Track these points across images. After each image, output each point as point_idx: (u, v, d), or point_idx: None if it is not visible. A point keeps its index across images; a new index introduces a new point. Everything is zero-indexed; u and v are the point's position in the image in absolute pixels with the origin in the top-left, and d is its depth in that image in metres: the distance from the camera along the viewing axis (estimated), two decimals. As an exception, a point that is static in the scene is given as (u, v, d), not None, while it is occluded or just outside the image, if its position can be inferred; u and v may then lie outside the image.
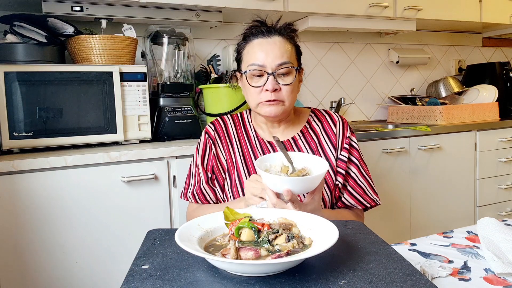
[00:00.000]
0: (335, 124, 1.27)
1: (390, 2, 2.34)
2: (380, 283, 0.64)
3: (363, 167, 1.26)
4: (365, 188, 1.25)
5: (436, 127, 2.24)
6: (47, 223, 1.43)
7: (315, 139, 1.25)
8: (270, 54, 1.13)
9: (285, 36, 1.17)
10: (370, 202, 1.25)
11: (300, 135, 1.25)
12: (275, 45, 1.15)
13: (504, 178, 2.48)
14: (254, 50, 1.16)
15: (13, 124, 1.50)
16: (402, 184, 2.17)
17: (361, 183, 1.24)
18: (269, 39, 1.16)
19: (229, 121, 1.31)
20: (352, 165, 1.24)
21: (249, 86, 1.16)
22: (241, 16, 2.22)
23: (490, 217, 1.05)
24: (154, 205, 1.59)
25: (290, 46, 1.17)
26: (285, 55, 1.14)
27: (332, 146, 1.24)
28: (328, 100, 2.63)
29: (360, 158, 1.26)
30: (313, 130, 1.26)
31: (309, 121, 1.28)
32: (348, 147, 1.24)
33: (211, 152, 1.27)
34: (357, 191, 1.24)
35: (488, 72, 2.81)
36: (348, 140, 1.25)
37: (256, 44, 1.16)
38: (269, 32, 1.16)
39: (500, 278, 0.82)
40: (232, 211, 0.82)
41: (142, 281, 0.65)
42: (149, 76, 1.90)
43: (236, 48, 1.24)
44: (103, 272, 1.51)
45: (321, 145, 1.24)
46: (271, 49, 1.14)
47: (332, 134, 1.25)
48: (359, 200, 1.24)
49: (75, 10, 1.77)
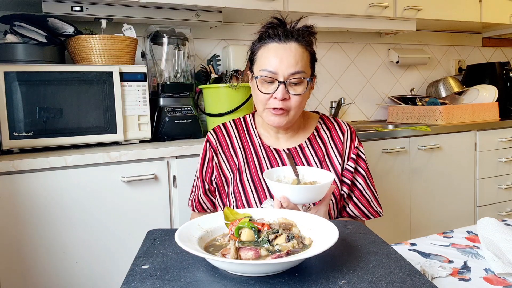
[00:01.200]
0: (343, 133, 1.24)
1: (390, 2, 2.34)
2: (380, 283, 0.64)
3: (369, 179, 1.25)
4: (370, 200, 1.23)
5: (436, 127, 2.24)
6: (47, 223, 1.43)
7: (322, 148, 1.22)
8: (284, 61, 1.09)
9: (302, 43, 1.13)
10: (374, 214, 1.24)
11: (307, 143, 1.22)
12: (291, 52, 1.10)
13: (504, 178, 2.48)
14: (268, 55, 1.12)
15: (13, 124, 1.50)
16: (402, 184, 2.17)
17: (366, 195, 1.23)
18: (285, 44, 1.11)
19: (231, 127, 1.27)
20: (359, 175, 1.23)
21: (259, 91, 1.13)
22: (241, 16, 2.22)
23: (490, 217, 1.05)
24: (154, 205, 1.59)
25: (306, 54, 1.13)
26: (300, 63, 1.10)
27: (339, 155, 1.22)
28: (328, 100, 2.63)
29: (367, 169, 1.24)
30: (321, 138, 1.24)
31: (318, 129, 1.25)
32: (355, 157, 1.23)
33: (211, 162, 1.24)
34: (362, 203, 1.23)
35: (488, 72, 2.81)
36: (356, 151, 1.23)
37: (271, 48, 1.12)
38: (286, 36, 1.12)
39: (500, 278, 0.82)
40: (232, 211, 0.82)
41: (142, 281, 0.65)
42: (149, 76, 1.90)
43: (250, 46, 1.20)
44: (103, 272, 1.51)
45: (328, 154, 1.22)
46: (286, 56, 1.10)
47: (339, 143, 1.23)
48: (364, 212, 1.23)
49: (75, 10, 1.77)
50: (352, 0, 2.25)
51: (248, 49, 1.21)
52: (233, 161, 1.23)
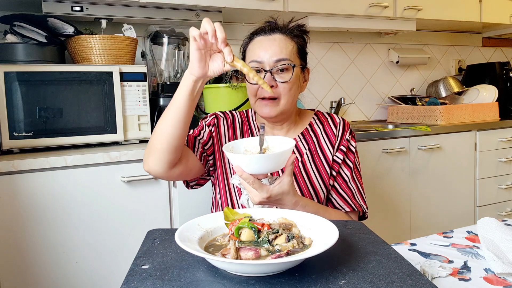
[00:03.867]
0: (336, 126, 1.25)
1: (390, 2, 2.34)
2: (380, 283, 0.64)
3: (356, 173, 1.23)
4: (354, 192, 1.21)
5: (436, 127, 2.24)
6: (47, 223, 1.43)
7: (315, 140, 1.23)
8: (269, 51, 1.13)
9: (287, 34, 1.16)
10: (357, 206, 1.20)
11: (300, 137, 1.23)
12: (274, 41, 1.14)
13: (504, 178, 2.48)
14: (255, 47, 1.16)
15: (13, 124, 1.50)
16: (402, 184, 2.17)
17: (351, 186, 1.21)
18: (270, 36, 1.15)
19: (236, 115, 1.30)
20: (346, 167, 1.22)
21: (248, 83, 1.16)
22: (241, 16, 2.22)
23: (490, 217, 1.05)
24: (154, 205, 1.59)
25: (291, 44, 1.16)
26: (284, 51, 1.13)
27: (331, 146, 1.23)
28: (328, 100, 2.63)
29: (355, 164, 1.23)
30: (313, 132, 1.25)
31: (311, 124, 1.26)
32: (345, 149, 1.22)
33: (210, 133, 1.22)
34: (346, 193, 1.21)
35: (488, 72, 2.81)
36: (347, 143, 1.23)
37: (257, 41, 1.17)
38: (271, 30, 1.16)
39: (500, 278, 0.82)
40: (232, 211, 0.82)
41: (142, 281, 0.65)
42: (149, 76, 1.90)
43: (242, 46, 1.24)
44: (103, 272, 1.51)
45: (320, 145, 1.23)
46: (269, 45, 1.13)
47: (332, 135, 1.24)
48: (347, 201, 1.20)
49: (75, 10, 1.77)
50: (352, 0, 2.25)
51: (240, 50, 1.25)
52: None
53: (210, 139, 1.22)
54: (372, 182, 2.05)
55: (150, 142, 1.07)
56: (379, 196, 2.09)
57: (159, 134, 1.03)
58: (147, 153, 1.07)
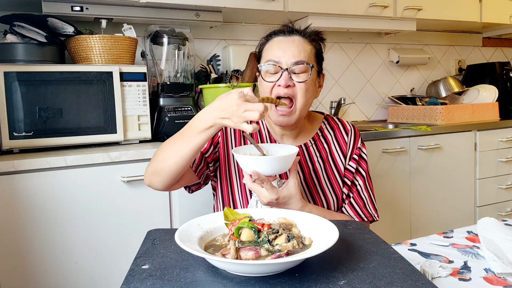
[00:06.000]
0: (347, 133, 1.25)
1: (390, 2, 2.34)
2: (380, 283, 0.64)
3: (368, 181, 1.25)
4: (366, 201, 1.23)
5: (436, 127, 2.24)
6: (47, 223, 1.43)
7: (326, 147, 1.23)
8: (287, 52, 1.12)
9: (306, 37, 1.16)
10: (368, 217, 1.23)
11: (312, 142, 1.23)
12: (294, 43, 1.13)
13: (504, 178, 2.48)
14: (273, 47, 1.15)
15: (13, 124, 1.50)
16: (402, 184, 2.16)
17: (363, 196, 1.23)
18: (289, 37, 1.15)
19: None
20: (359, 176, 1.23)
21: (263, 81, 1.14)
22: (241, 16, 2.22)
23: (490, 217, 1.05)
24: (154, 205, 1.59)
25: (309, 47, 1.15)
26: (303, 53, 1.12)
27: (343, 155, 1.23)
28: (328, 100, 2.63)
29: (367, 171, 1.25)
30: (324, 138, 1.24)
31: (322, 129, 1.26)
32: (357, 158, 1.23)
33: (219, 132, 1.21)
34: (358, 203, 1.22)
35: (488, 72, 2.81)
36: (359, 151, 1.24)
37: (275, 41, 1.16)
38: (290, 32, 1.16)
39: (500, 278, 0.82)
40: (232, 211, 0.82)
41: (142, 281, 0.65)
42: (149, 76, 1.90)
43: (258, 44, 1.22)
44: (103, 272, 1.51)
45: (331, 153, 1.23)
46: (288, 47, 1.13)
47: (343, 143, 1.24)
48: (358, 213, 1.22)
49: (75, 10, 1.77)
50: (352, 0, 2.25)
51: (257, 47, 1.24)
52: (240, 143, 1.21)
53: (211, 146, 1.20)
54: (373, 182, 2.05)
55: (156, 163, 1.07)
56: (379, 196, 2.08)
57: (167, 158, 1.04)
58: (151, 172, 1.08)
